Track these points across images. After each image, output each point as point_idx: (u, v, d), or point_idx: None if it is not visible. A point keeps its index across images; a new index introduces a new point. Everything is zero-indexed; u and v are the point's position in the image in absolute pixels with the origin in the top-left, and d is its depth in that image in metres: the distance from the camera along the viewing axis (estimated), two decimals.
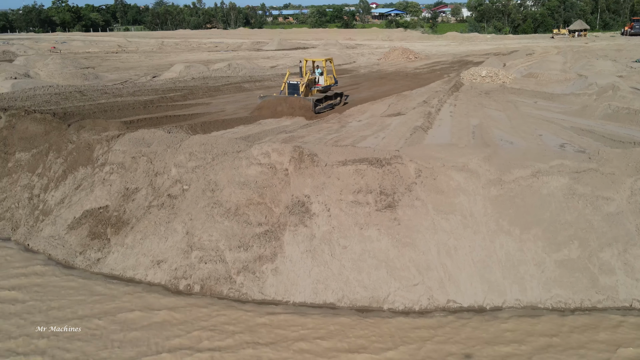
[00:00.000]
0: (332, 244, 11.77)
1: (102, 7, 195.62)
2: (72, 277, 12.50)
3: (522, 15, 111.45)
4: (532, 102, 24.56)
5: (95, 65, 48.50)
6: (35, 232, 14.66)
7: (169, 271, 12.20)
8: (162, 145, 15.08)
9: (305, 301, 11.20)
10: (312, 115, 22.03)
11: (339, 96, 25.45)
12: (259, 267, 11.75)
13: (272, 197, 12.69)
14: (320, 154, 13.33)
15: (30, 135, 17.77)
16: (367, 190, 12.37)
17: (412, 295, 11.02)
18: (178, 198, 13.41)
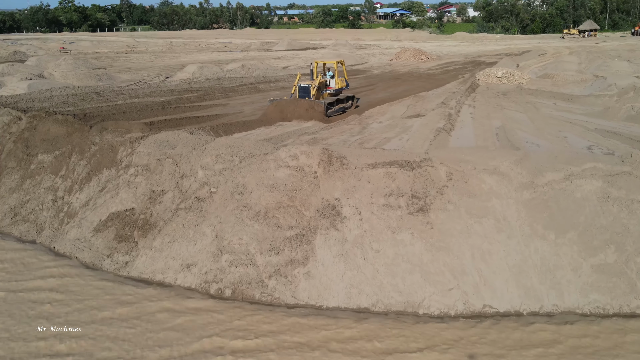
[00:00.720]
0: (364, 248, 11.66)
1: (107, 7, 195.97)
2: (102, 281, 12.43)
3: (530, 15, 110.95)
4: (551, 104, 24.37)
5: (107, 65, 48.49)
6: (60, 235, 14.60)
7: (199, 275, 12.12)
8: (187, 148, 15.00)
9: (339, 305, 11.09)
10: (325, 118, 21.53)
11: (350, 99, 24.83)
12: (290, 271, 11.64)
13: (302, 200, 12.58)
14: (349, 157, 13.21)
15: (52, 136, 17.74)
16: (399, 194, 12.25)
17: (447, 300, 10.90)
18: (206, 201, 13.32)
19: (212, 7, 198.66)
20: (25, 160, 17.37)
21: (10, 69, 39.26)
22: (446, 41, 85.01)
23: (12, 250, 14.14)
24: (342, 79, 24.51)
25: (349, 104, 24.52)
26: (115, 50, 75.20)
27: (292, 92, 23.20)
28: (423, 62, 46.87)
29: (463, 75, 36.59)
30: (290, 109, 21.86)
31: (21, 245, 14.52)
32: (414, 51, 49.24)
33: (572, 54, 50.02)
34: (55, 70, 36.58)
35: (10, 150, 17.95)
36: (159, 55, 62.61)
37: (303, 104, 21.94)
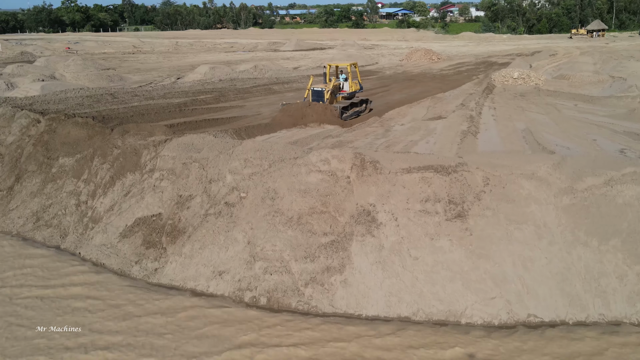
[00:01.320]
0: (402, 255, 11.39)
1: (109, 7, 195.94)
2: (131, 288, 12.18)
3: (536, 15, 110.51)
4: (572, 105, 24.08)
5: (115, 66, 48.28)
6: (85, 240, 14.35)
7: (232, 282, 11.86)
8: (213, 151, 14.74)
9: (379, 314, 10.82)
10: (340, 122, 20.83)
11: (364, 103, 24.17)
12: (327, 278, 11.38)
13: (336, 205, 12.32)
14: (382, 161, 12.94)
15: (72, 139, 17.50)
16: (435, 199, 11.98)
17: (490, 309, 10.62)
18: (236, 206, 13.05)
19: (216, 7, 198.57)
20: (46, 164, 17.13)
21: (20, 69, 39.12)
22: (453, 41, 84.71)
23: (39, 256, 13.90)
24: (355, 82, 23.96)
25: (362, 107, 23.95)
26: (121, 50, 75.05)
27: (305, 96, 22.64)
28: (434, 62, 46.57)
29: (477, 76, 36.30)
30: (304, 113, 21.01)
31: (46, 250, 14.28)
32: (424, 52, 48.94)
33: (584, 54, 49.69)
34: (67, 71, 36.39)
35: (30, 154, 17.71)
36: (167, 56, 62.40)
37: (317, 108, 21.16)
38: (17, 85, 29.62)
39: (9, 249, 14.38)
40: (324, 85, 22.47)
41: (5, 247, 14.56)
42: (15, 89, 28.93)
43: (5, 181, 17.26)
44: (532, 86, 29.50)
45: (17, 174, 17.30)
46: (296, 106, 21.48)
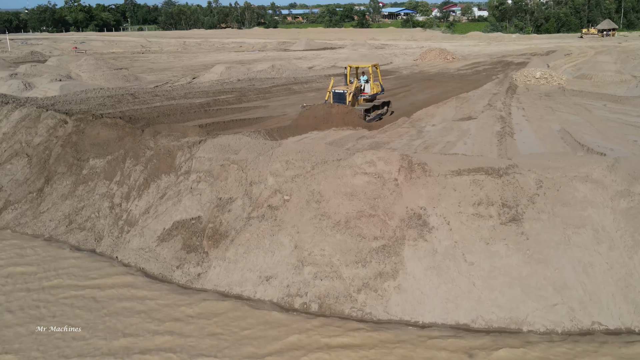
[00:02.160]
0: (457, 260, 11.06)
1: (111, 7, 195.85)
2: (175, 293, 11.87)
3: (545, 14, 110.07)
4: (601, 105, 23.75)
5: (127, 66, 47.98)
6: (122, 244, 14.05)
7: (280, 288, 11.54)
8: (252, 153, 14.42)
9: (436, 321, 10.49)
10: (365, 125, 20.11)
11: (386, 105, 23.49)
12: (380, 284, 11.06)
13: (385, 209, 11.99)
14: (430, 163, 12.62)
15: (102, 141, 17.20)
16: (488, 202, 11.65)
17: (552, 316, 10.28)
18: (280, 209, 12.73)
19: (221, 6, 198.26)
20: (76, 166, 16.83)
21: (34, 69, 38.86)
22: (463, 41, 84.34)
23: (75, 258, 13.61)
24: (377, 84, 23.28)
25: (384, 109, 23.27)
26: (130, 50, 74.80)
27: (326, 98, 21.98)
28: (449, 62, 46.22)
29: (496, 75, 35.96)
30: (325, 116, 20.10)
31: (82, 254, 13.97)
32: (439, 51, 48.59)
33: (600, 53, 49.30)
34: (81, 71, 36.10)
35: (59, 155, 17.42)
36: (177, 56, 62.12)
37: (339, 110, 20.24)
38: (35, 85, 29.33)
39: (43, 253, 14.07)
40: (345, 87, 21.84)
41: (38, 249, 14.28)
42: (34, 89, 28.65)
43: (34, 183, 16.97)
44: (555, 86, 29.15)
45: (47, 176, 17.01)
46: (318, 108, 20.67)
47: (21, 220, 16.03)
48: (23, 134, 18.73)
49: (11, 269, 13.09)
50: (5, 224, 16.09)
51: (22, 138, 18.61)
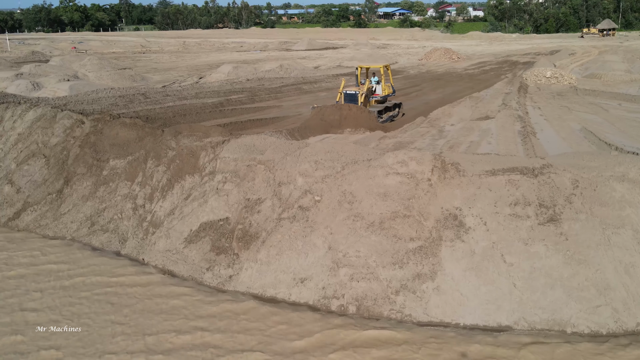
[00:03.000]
0: (495, 261, 10.92)
1: (106, 7, 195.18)
2: (206, 295, 11.70)
3: (544, 14, 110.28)
4: (616, 105, 23.70)
5: (130, 66, 47.70)
6: (148, 246, 13.86)
7: (316, 290, 11.38)
8: (278, 153, 14.26)
9: (477, 323, 10.35)
10: (378, 126, 19.64)
11: (397, 107, 23.03)
12: (418, 286, 10.91)
13: (420, 209, 11.85)
14: (463, 163, 12.49)
15: (122, 141, 17.00)
16: (525, 203, 11.51)
17: (596, 317, 10.16)
18: (311, 210, 12.57)
19: (218, 5, 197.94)
20: (96, 166, 16.62)
21: (38, 69, 38.58)
22: (464, 40, 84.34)
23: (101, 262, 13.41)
24: (388, 85, 22.85)
25: (396, 111, 22.78)
26: (130, 50, 74.46)
27: (337, 100, 21.46)
28: (455, 62, 46.15)
29: (505, 75, 35.91)
30: (337, 117, 19.51)
31: (110, 257, 13.78)
32: (444, 51, 48.51)
33: (604, 53, 49.33)
34: (85, 70, 35.83)
35: (77, 155, 17.20)
36: (179, 55, 61.84)
37: (351, 111, 19.62)
38: (43, 85, 29.06)
39: (65, 255, 13.87)
40: (356, 88, 21.43)
41: (57, 249, 14.08)
42: (42, 89, 28.39)
43: (53, 184, 16.75)
44: (566, 85, 29.09)
45: (66, 177, 16.79)
46: (330, 110, 20.02)
47: (41, 222, 15.82)
48: (39, 135, 18.50)
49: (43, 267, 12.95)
50: (25, 225, 15.89)
51: (39, 138, 18.37)
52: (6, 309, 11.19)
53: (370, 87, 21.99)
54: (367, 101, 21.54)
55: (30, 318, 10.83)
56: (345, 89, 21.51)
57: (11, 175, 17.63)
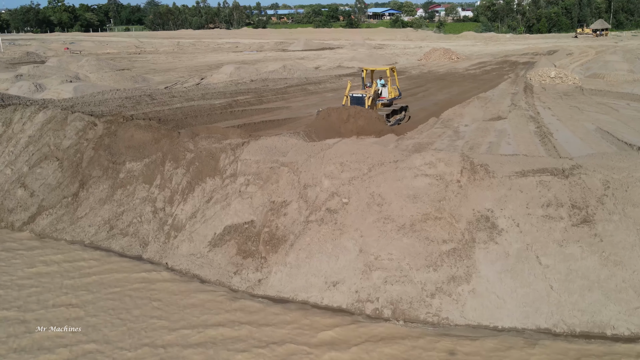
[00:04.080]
0: (530, 263, 10.86)
1: (94, 7, 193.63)
2: (240, 301, 11.55)
3: (536, 14, 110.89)
4: (624, 104, 23.79)
5: (128, 66, 47.32)
6: (170, 250, 13.67)
7: (349, 293, 11.26)
8: (301, 155, 14.12)
9: (516, 326, 10.28)
10: (388, 130, 18.80)
11: (403, 110, 22.23)
12: (454, 288, 10.82)
13: (451, 211, 11.76)
14: (491, 164, 12.43)
15: (137, 143, 16.77)
16: (557, 204, 11.46)
17: (636, 319, 10.11)
18: (339, 212, 12.45)
19: (209, 6, 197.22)
20: (112, 169, 16.39)
21: (37, 70, 38.15)
22: (459, 40, 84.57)
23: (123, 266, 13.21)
24: (394, 88, 22.21)
25: (402, 115, 22.00)
26: (124, 50, 73.93)
27: (343, 103, 20.63)
28: (455, 62, 46.21)
29: (507, 75, 35.99)
30: (343, 121, 18.62)
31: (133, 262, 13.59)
32: (443, 51, 48.59)
33: (601, 53, 49.61)
34: (89, 72, 35.47)
35: (92, 158, 16.95)
36: (175, 56, 61.46)
37: (359, 115, 18.75)
38: (46, 87, 28.70)
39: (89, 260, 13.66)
40: (363, 91, 20.74)
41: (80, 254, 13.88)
42: (45, 91, 28.04)
43: (68, 187, 16.49)
44: (571, 85, 29.18)
45: (81, 180, 16.54)
46: (335, 112, 19.10)
47: (58, 226, 15.57)
48: (51, 137, 18.22)
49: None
50: (41, 229, 15.64)
51: (50, 141, 18.10)
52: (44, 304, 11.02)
53: (377, 89, 21.49)
54: (374, 104, 20.86)
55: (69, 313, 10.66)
56: (352, 91, 20.85)
57: (24, 178, 17.35)
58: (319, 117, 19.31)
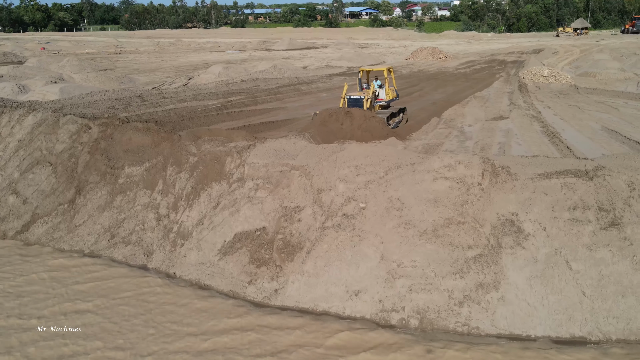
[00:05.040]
0: (560, 268, 10.51)
1: (67, 6, 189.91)
2: (252, 310, 11.01)
3: (516, 14, 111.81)
4: (622, 103, 23.74)
5: (110, 66, 46.19)
6: (177, 259, 13.07)
7: (372, 303, 10.80)
8: (312, 158, 13.61)
9: (549, 335, 9.92)
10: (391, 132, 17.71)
11: (401, 112, 21.16)
12: (482, 296, 10.42)
13: (474, 215, 11.36)
14: (512, 166, 12.07)
15: (135, 146, 16.09)
16: (584, 206, 11.13)
17: None
18: (357, 218, 11.97)
19: (186, 5, 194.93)
20: (110, 174, 15.69)
21: (17, 71, 36.97)
22: (442, 40, 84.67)
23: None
24: (392, 89, 21.10)
25: (400, 117, 20.89)
26: (104, 50, 72.42)
27: (341, 106, 19.49)
28: (443, 61, 46.05)
29: (499, 74, 35.89)
30: (341, 124, 17.47)
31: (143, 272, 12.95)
32: (430, 50, 48.42)
33: (585, 52, 49.95)
34: (73, 72, 34.43)
35: (88, 163, 16.22)
36: (157, 56, 60.33)
37: (358, 117, 17.51)
38: (30, 88, 27.70)
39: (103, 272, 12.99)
40: (360, 93, 19.60)
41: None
42: (30, 92, 27.05)
43: (64, 194, 15.75)
44: (564, 84, 29.14)
45: (77, 186, 15.81)
46: (332, 116, 17.86)
47: (54, 235, 14.84)
48: (42, 141, 17.44)
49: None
50: (37, 238, 14.90)
51: (42, 145, 17.32)
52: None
53: (375, 91, 20.60)
54: (372, 106, 19.74)
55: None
56: (349, 93, 19.63)
57: (15, 184, 16.56)
58: (316, 121, 17.99)
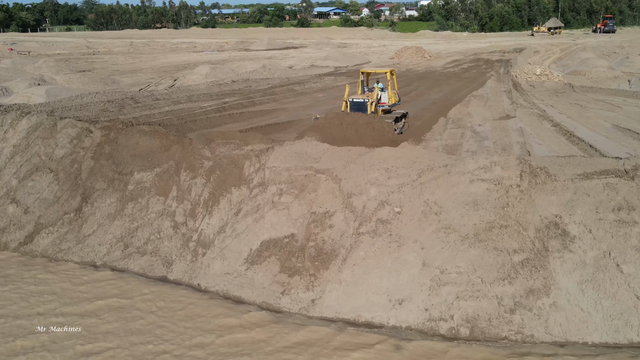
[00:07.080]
0: (611, 272, 10.23)
1: (28, 6, 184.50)
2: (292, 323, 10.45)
3: (489, 13, 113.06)
4: (620, 101, 23.85)
5: (87, 68, 44.71)
6: (200, 269, 12.40)
7: (418, 312, 10.35)
8: (337, 160, 13.11)
9: (607, 342, 9.61)
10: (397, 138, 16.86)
11: (404, 117, 20.02)
12: (533, 302, 10.07)
13: (517, 218, 11.03)
14: (550, 167, 11.77)
15: (144, 151, 15.31)
16: (629, 207, 10.89)
17: None
18: (393, 223, 11.52)
19: (154, 5, 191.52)
20: (119, 180, 14.88)
21: None
22: (419, 39, 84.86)
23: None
24: (394, 92, 20.04)
25: (402, 122, 19.73)
26: (76, 51, 70.36)
27: (343, 109, 18.45)
28: (428, 60, 45.98)
29: (489, 73, 35.92)
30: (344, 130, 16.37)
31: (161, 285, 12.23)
32: (415, 49, 48.34)
33: (565, 50, 50.53)
34: (53, 74, 33.12)
35: (93, 169, 15.38)
36: (135, 57, 58.83)
37: (362, 122, 16.58)
38: (13, 91, 26.45)
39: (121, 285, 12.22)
40: (364, 96, 18.59)
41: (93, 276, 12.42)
42: (13, 95, 25.80)
43: (69, 202, 14.87)
44: (557, 83, 29.25)
45: (83, 193, 14.95)
46: (335, 120, 16.85)
47: (62, 246, 13.98)
48: (40, 146, 16.49)
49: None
50: (43, 250, 14.01)
51: (40, 150, 16.38)
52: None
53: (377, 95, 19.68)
54: (376, 110, 18.62)
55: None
56: (351, 96, 18.55)
57: (14, 192, 15.61)
58: (319, 125, 16.92)
